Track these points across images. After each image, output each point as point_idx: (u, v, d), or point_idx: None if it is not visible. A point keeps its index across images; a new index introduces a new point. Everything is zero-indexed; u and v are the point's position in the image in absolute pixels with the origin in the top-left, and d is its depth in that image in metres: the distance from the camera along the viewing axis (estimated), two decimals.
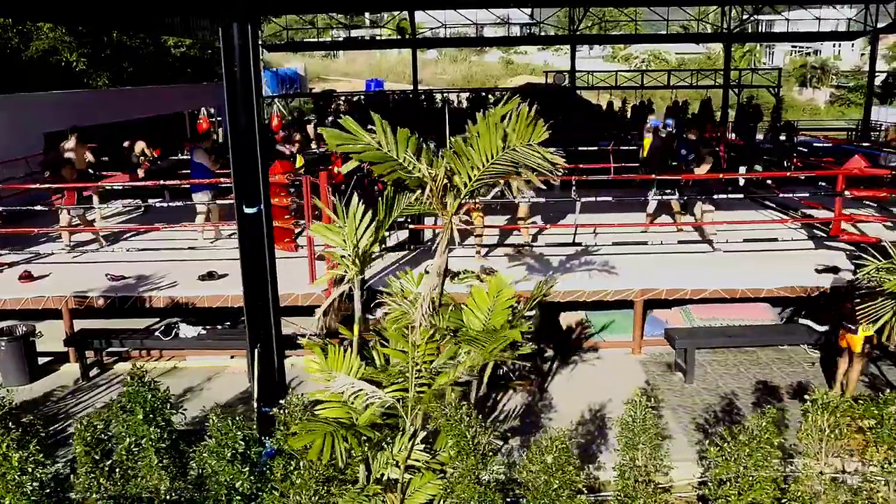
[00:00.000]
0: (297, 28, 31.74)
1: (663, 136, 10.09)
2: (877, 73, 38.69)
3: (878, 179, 8.44)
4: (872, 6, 24.12)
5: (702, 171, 8.94)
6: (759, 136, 21.04)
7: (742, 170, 13.12)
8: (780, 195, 11.11)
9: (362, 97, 26.42)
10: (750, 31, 33.98)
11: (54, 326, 8.48)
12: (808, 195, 10.30)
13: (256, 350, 5.96)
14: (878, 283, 5.50)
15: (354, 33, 36.15)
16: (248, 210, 5.69)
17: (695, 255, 9.17)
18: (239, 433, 4.47)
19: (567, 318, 8.81)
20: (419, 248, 9.46)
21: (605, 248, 9.24)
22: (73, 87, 18.86)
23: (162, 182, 10.42)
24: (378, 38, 32.75)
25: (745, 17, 26.38)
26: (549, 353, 8.37)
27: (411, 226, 8.90)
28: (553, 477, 4.46)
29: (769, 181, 12.33)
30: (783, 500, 4.97)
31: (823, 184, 10.41)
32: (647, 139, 10.47)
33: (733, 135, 21.73)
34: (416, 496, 4.89)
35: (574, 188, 8.73)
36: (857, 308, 5.84)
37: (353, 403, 4.68)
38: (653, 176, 9.08)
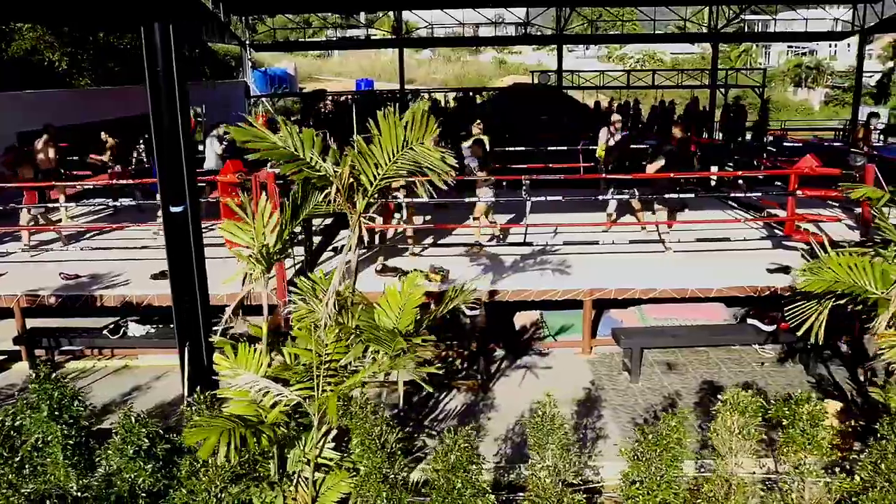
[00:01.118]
0: (292, 28, 31.88)
1: (618, 139, 10.09)
2: (871, 74, 38.65)
3: (832, 178, 8.41)
4: (860, 6, 24.06)
5: (651, 170, 8.94)
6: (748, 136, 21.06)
7: (714, 169, 13.10)
8: (732, 194, 11.12)
9: (349, 97, 26.45)
10: (738, 30, 33.84)
11: (11, 325, 8.53)
12: (759, 195, 10.28)
13: (186, 348, 6.01)
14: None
15: (350, 33, 36.22)
16: (174, 209, 5.73)
17: (648, 255, 9.16)
18: (143, 430, 4.49)
19: (522, 318, 8.82)
20: (373, 247, 9.47)
21: (558, 247, 9.25)
22: (56, 87, 18.91)
23: (115, 182, 10.45)
24: (370, 38, 32.74)
25: (730, 17, 26.28)
26: (500, 352, 8.39)
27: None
28: (456, 476, 4.46)
29: (740, 181, 12.33)
30: (697, 500, 4.99)
31: (779, 183, 10.41)
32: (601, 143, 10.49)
33: (720, 134, 21.76)
34: (329, 494, 4.90)
35: (524, 188, 8.73)
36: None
37: (261, 401, 4.69)
38: (603, 175, 9.07)
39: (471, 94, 25.42)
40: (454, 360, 8.14)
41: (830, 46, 43.85)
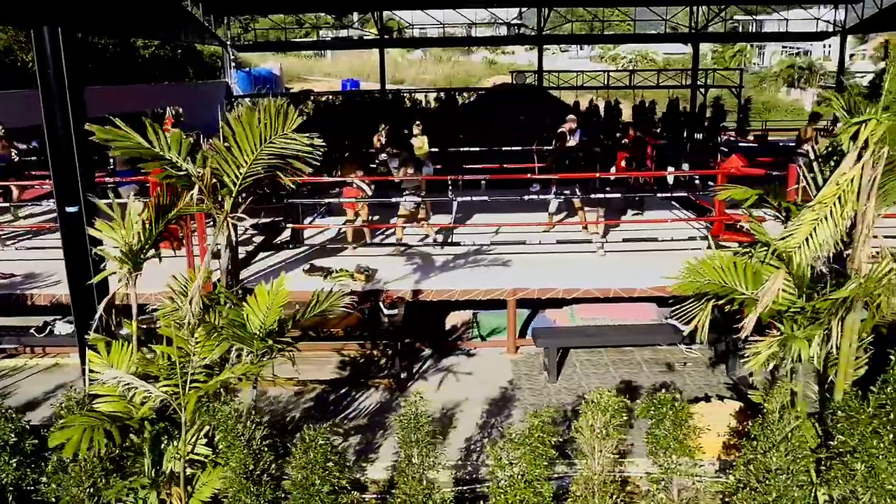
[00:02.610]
0: (283, 28, 32.04)
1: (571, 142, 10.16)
2: (864, 74, 38.43)
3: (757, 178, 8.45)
4: (841, 7, 24.00)
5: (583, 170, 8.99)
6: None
7: (670, 169, 13.15)
8: (660, 195, 11.20)
9: (332, 97, 26.56)
10: (729, 30, 33.76)
11: None
12: (685, 194, 10.31)
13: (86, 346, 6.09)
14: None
15: (344, 34, 36.32)
16: (69, 209, 5.83)
17: (580, 255, 9.21)
18: (9, 425, 4.58)
19: (454, 318, 8.88)
20: (304, 247, 9.55)
21: (490, 247, 9.31)
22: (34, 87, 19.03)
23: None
24: (356, 38, 32.87)
25: (710, 17, 26.26)
26: (427, 351, 8.46)
27: (291, 225, 8.98)
28: (313, 473, 4.53)
29: (696, 180, 12.38)
30: (566, 499, 5.04)
31: (711, 184, 10.45)
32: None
33: (700, 135, 21.77)
34: (203, 490, 4.98)
35: (450, 188, 8.80)
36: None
37: (132, 398, 4.77)
38: (528, 176, 9.12)
39: (453, 94, 25.46)
40: (377, 358, 8.22)
41: (824, 47, 43.64)
